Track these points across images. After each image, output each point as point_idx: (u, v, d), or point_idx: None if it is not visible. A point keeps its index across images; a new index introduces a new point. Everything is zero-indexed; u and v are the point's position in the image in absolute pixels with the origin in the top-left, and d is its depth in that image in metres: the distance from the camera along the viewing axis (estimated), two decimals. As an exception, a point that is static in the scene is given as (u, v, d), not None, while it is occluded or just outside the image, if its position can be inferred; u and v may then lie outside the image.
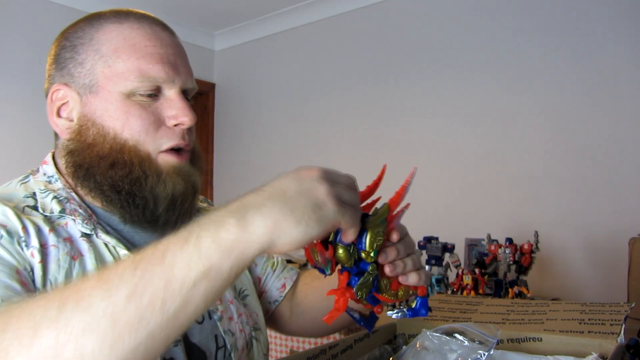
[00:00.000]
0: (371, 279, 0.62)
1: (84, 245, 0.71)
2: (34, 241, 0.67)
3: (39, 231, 0.68)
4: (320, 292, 0.92)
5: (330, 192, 0.52)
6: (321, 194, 0.52)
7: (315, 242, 0.58)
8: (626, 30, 2.38)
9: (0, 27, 2.96)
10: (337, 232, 0.59)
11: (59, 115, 0.77)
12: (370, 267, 0.62)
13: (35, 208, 0.72)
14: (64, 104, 0.77)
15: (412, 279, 0.66)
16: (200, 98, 4.04)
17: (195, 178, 0.78)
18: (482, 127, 2.76)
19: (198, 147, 0.83)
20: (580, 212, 2.44)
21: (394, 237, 0.64)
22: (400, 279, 0.65)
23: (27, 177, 0.78)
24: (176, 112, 0.75)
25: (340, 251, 0.59)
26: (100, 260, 0.71)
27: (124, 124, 0.73)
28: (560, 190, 2.50)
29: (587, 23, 2.48)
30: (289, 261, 2.83)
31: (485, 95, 2.77)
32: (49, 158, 0.80)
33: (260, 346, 0.87)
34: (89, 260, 0.70)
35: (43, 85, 0.83)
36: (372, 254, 0.61)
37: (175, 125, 0.76)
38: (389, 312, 0.69)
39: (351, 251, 0.60)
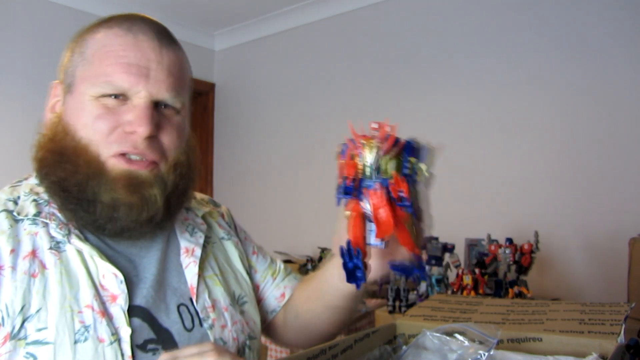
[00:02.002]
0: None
1: (50, 258, 0.70)
2: None
3: None
4: (304, 294, 0.92)
5: None
6: None
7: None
8: (627, 31, 2.37)
9: (0, 27, 2.96)
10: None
11: (53, 110, 0.80)
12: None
13: (10, 212, 0.72)
14: (58, 100, 0.80)
15: (419, 231, 0.68)
16: (200, 98, 4.04)
17: (150, 190, 0.74)
18: (482, 127, 2.76)
19: (185, 160, 0.80)
20: (580, 212, 2.44)
21: None
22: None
23: (20, 181, 0.80)
24: (133, 119, 0.73)
25: (394, 161, 0.60)
26: (66, 274, 0.70)
27: (84, 124, 0.74)
28: (560, 190, 2.50)
29: (587, 24, 2.48)
30: (288, 261, 2.83)
31: (485, 95, 2.77)
32: None
33: (253, 355, 0.87)
34: (53, 275, 0.69)
35: (43, 85, 0.86)
36: (428, 173, 0.62)
37: (131, 133, 0.74)
38: (390, 263, 0.69)
39: (402, 163, 0.61)
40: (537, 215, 2.52)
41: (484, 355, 0.68)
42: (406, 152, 0.61)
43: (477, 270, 2.03)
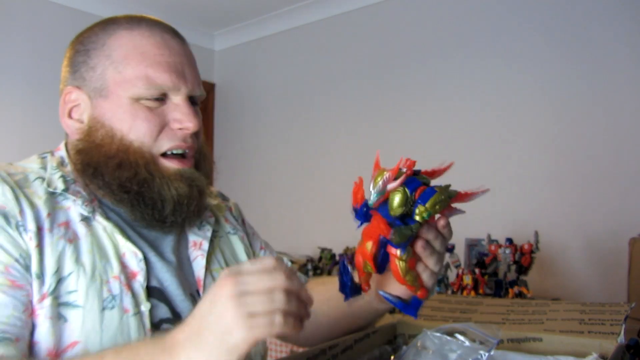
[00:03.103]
0: (410, 233, 0.62)
1: (81, 229, 0.73)
2: (31, 225, 0.69)
3: (37, 214, 0.70)
4: (323, 296, 0.91)
5: (238, 315, 0.52)
6: (228, 320, 0.53)
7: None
8: (627, 31, 2.37)
9: (0, 27, 2.96)
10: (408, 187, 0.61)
11: (70, 116, 0.80)
12: (415, 225, 0.62)
13: (45, 180, 0.75)
14: (75, 106, 0.80)
15: (426, 274, 0.68)
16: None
17: (201, 182, 0.81)
18: (482, 127, 2.76)
19: (206, 150, 0.86)
20: (580, 212, 2.44)
21: (442, 222, 0.67)
22: (419, 265, 0.67)
23: (45, 153, 0.82)
24: (181, 116, 0.78)
25: (398, 196, 0.60)
26: (96, 245, 0.73)
27: (130, 126, 0.76)
28: (560, 190, 2.50)
29: (588, 24, 2.48)
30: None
31: (485, 94, 2.77)
32: (62, 146, 0.83)
33: (257, 349, 0.87)
34: (85, 245, 0.72)
35: (43, 85, 0.86)
36: (426, 214, 0.61)
37: (180, 129, 0.78)
38: (381, 291, 0.70)
39: (407, 200, 0.61)
40: (537, 215, 2.52)
41: (485, 355, 0.68)
42: (409, 188, 0.62)
43: (477, 270, 2.03)
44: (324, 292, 0.92)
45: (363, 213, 0.62)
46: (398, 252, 0.63)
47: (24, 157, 0.82)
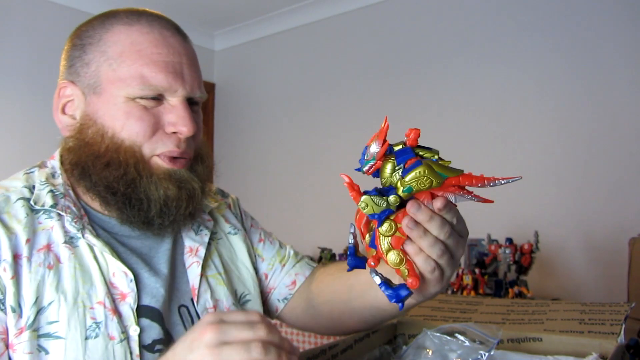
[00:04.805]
0: (384, 206, 0.57)
1: (64, 252, 0.70)
2: (6, 254, 0.66)
3: (14, 241, 0.68)
4: (333, 287, 0.89)
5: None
6: None
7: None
8: (627, 31, 2.38)
9: (0, 27, 2.96)
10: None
11: (63, 112, 0.78)
12: (392, 198, 0.57)
13: (27, 200, 0.72)
14: (69, 101, 0.77)
15: (419, 258, 0.60)
16: (200, 98, 4.05)
17: (192, 184, 0.78)
18: (482, 127, 2.76)
19: (205, 151, 0.83)
20: (580, 212, 2.44)
21: (438, 204, 0.59)
22: (410, 246, 0.60)
23: (33, 168, 0.79)
24: (176, 120, 0.75)
25: (388, 165, 0.56)
26: (80, 269, 0.70)
27: (123, 125, 0.73)
28: (560, 190, 2.50)
29: (588, 25, 2.48)
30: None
31: (485, 94, 2.77)
32: (56, 153, 0.80)
33: None
34: (67, 270, 0.69)
35: (43, 85, 0.84)
36: (403, 190, 0.56)
37: (174, 133, 0.75)
38: (371, 270, 0.61)
39: (394, 170, 0.56)
40: (537, 215, 2.52)
41: (485, 355, 0.68)
42: (401, 158, 0.58)
43: (477, 270, 2.03)
44: (344, 280, 0.87)
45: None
46: (376, 224, 0.58)
47: (23, 156, 0.81)
